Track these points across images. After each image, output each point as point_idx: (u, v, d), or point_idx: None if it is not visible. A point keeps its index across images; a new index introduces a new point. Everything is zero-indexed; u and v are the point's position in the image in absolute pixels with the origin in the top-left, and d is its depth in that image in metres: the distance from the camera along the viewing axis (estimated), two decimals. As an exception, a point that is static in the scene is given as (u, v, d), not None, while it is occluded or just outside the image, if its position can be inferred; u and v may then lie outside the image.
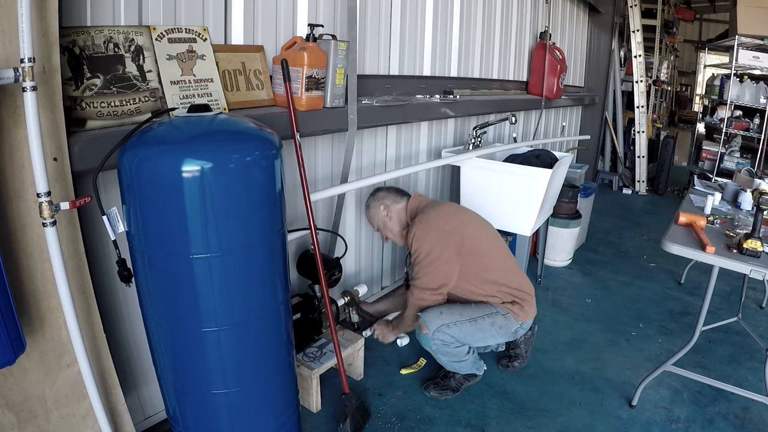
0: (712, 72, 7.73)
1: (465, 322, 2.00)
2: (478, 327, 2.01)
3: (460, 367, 2.08)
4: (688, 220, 2.00)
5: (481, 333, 2.03)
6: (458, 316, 2.00)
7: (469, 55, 3.30)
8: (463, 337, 2.00)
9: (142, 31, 1.54)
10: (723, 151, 5.32)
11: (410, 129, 2.91)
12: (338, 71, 2.01)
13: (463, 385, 2.16)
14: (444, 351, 2.02)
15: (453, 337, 1.99)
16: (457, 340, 2.00)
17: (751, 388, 2.13)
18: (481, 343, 2.11)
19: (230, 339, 1.40)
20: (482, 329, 2.02)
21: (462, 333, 1.99)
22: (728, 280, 3.15)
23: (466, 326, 2.00)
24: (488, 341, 2.11)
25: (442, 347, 2.01)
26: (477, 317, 2.02)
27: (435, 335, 1.98)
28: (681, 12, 8.55)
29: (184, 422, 1.51)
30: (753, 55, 4.89)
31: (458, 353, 2.03)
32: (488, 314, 2.03)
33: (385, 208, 2.16)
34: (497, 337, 2.08)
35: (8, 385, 1.28)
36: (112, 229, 1.33)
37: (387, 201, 2.17)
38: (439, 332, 1.98)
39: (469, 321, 2.00)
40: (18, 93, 1.14)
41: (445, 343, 2.00)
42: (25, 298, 1.27)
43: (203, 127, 1.32)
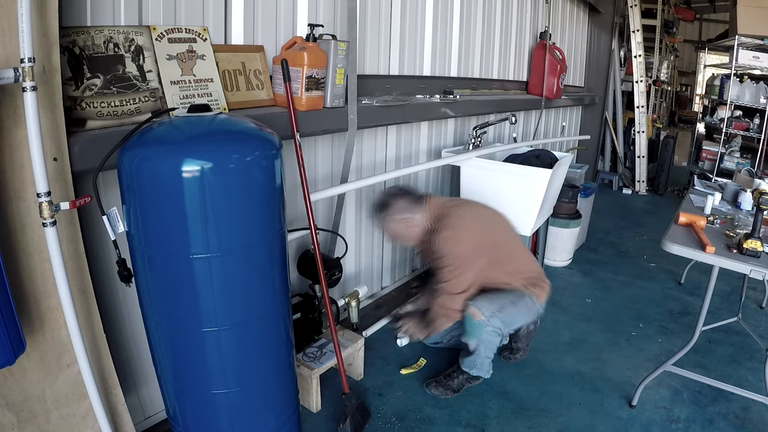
0: (712, 72, 7.73)
1: (509, 305, 2.08)
2: (518, 309, 2.10)
3: (482, 364, 2.11)
4: (688, 220, 1.99)
5: (519, 315, 2.12)
6: (502, 299, 2.07)
7: (469, 55, 3.30)
8: (508, 321, 2.07)
9: (142, 31, 1.54)
10: (723, 151, 5.32)
11: (410, 129, 2.91)
12: (338, 71, 2.01)
13: (465, 386, 2.16)
14: (489, 341, 2.06)
15: (502, 321, 2.04)
16: (503, 326, 2.06)
17: (751, 388, 2.13)
18: (516, 325, 2.18)
19: (230, 339, 1.40)
20: (520, 311, 2.11)
21: (508, 316, 2.07)
22: (728, 280, 3.15)
23: (511, 309, 2.08)
24: (521, 322, 2.19)
25: (491, 335, 2.04)
26: (516, 300, 2.10)
27: (491, 321, 2.01)
28: (681, 12, 8.56)
29: (184, 422, 1.51)
30: (753, 55, 4.89)
31: (496, 344, 2.10)
32: (520, 296, 2.12)
33: (404, 222, 2.10)
34: (528, 317, 2.18)
35: (8, 385, 1.28)
36: (112, 229, 1.33)
37: (406, 214, 2.09)
38: (494, 318, 2.02)
39: (512, 303, 2.08)
40: (18, 93, 1.14)
41: (495, 329, 2.04)
42: (25, 298, 1.27)
43: (203, 127, 1.32)
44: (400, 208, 2.10)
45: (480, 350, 2.07)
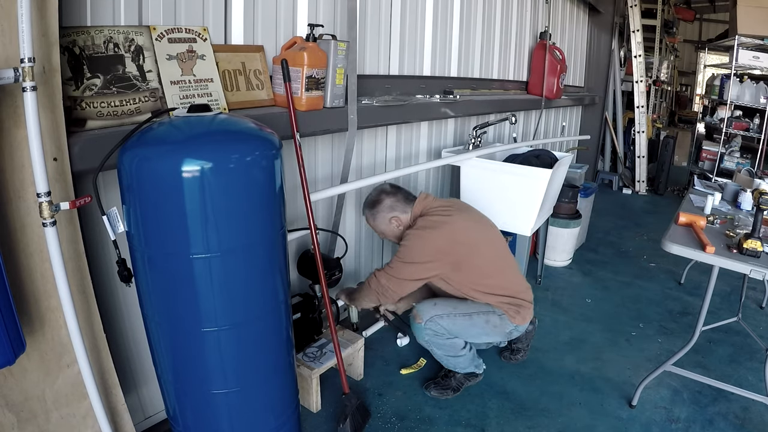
0: (712, 72, 7.73)
1: (459, 316, 2.02)
2: (472, 323, 2.03)
3: (456, 362, 2.09)
4: (688, 220, 1.99)
5: (474, 329, 2.04)
6: (452, 309, 2.03)
7: (469, 55, 3.30)
8: (457, 330, 2.02)
9: (142, 31, 1.54)
10: (723, 151, 5.32)
11: (410, 129, 2.91)
12: (338, 71, 2.01)
13: (464, 385, 2.16)
14: (437, 343, 2.04)
15: (445, 328, 2.01)
16: (449, 332, 2.02)
17: (751, 388, 2.13)
18: (474, 339, 2.12)
19: (230, 339, 1.40)
20: (476, 325, 2.04)
21: (455, 326, 2.01)
22: (728, 280, 3.15)
23: (460, 320, 2.02)
24: (481, 338, 2.13)
25: (434, 338, 2.02)
26: (472, 313, 2.04)
27: (428, 324, 2.00)
28: (681, 12, 8.56)
29: (184, 422, 1.51)
30: (753, 55, 4.89)
31: (452, 346, 2.05)
32: (484, 312, 2.04)
33: (395, 221, 2.11)
34: (491, 335, 2.10)
35: (8, 385, 1.28)
36: (112, 229, 1.33)
37: (397, 212, 2.10)
38: (431, 322, 1.99)
39: (463, 315, 2.03)
40: (18, 93, 1.14)
41: (437, 334, 2.01)
42: (25, 298, 1.27)
43: (203, 127, 1.32)
44: (390, 207, 2.11)
45: (434, 351, 2.08)
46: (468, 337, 2.09)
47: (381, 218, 2.13)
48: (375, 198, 2.15)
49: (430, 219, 2.04)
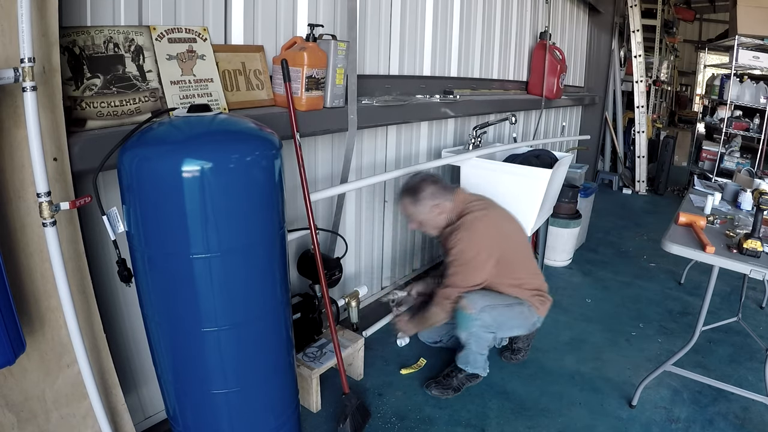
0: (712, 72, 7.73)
1: (503, 306, 2.07)
2: (513, 313, 2.10)
3: (476, 360, 2.11)
4: (688, 220, 1.99)
5: (513, 320, 2.12)
6: (498, 299, 2.07)
7: (469, 55, 3.30)
8: (498, 323, 2.07)
9: (142, 31, 1.54)
10: (723, 151, 5.32)
11: (410, 129, 2.91)
12: (338, 71, 2.01)
13: (465, 385, 2.16)
14: (479, 336, 2.06)
15: (493, 319, 2.04)
16: (494, 324, 2.06)
17: (751, 388, 2.13)
18: (508, 332, 2.21)
19: (230, 339, 1.40)
20: (515, 316, 2.11)
21: (501, 317, 2.06)
22: (728, 280, 3.15)
23: (504, 310, 2.07)
24: (514, 331, 2.21)
25: (481, 330, 2.05)
26: (512, 303, 2.10)
27: (480, 315, 2.01)
28: (681, 12, 8.55)
29: (184, 422, 1.51)
30: (753, 55, 4.89)
31: (487, 341, 2.10)
32: (518, 303, 2.12)
33: (435, 208, 2.07)
34: (522, 327, 2.19)
35: (8, 385, 1.28)
36: (112, 229, 1.33)
37: (439, 200, 2.07)
38: (483, 312, 2.02)
39: (507, 306, 2.08)
40: (18, 93, 1.14)
41: (485, 325, 2.04)
42: (25, 298, 1.27)
43: (203, 127, 1.32)
44: (432, 194, 2.06)
45: (471, 345, 2.08)
46: (504, 330, 2.15)
47: (423, 205, 2.06)
48: (416, 185, 2.09)
49: (474, 215, 2.06)
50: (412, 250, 3.22)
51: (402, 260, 3.14)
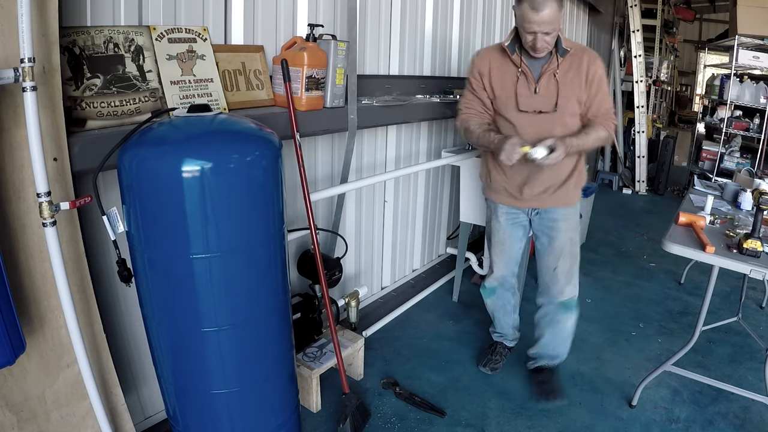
0: (712, 72, 7.73)
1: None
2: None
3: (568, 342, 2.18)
4: (688, 220, 1.99)
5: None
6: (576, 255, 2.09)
7: (469, 55, 3.29)
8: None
9: (142, 31, 1.54)
10: (723, 151, 5.32)
11: (410, 129, 2.91)
12: (338, 71, 2.01)
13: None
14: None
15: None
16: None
17: (751, 388, 2.13)
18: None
19: (230, 339, 1.40)
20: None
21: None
22: (728, 280, 3.15)
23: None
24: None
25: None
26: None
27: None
28: (681, 12, 8.55)
29: (184, 422, 1.51)
30: (753, 55, 4.88)
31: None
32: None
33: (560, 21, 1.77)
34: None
35: (8, 385, 1.28)
36: (112, 229, 1.33)
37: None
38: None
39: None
40: (18, 93, 1.14)
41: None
42: (25, 298, 1.27)
43: (203, 127, 1.32)
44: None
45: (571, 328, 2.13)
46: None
47: (555, 8, 1.71)
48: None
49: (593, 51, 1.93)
50: (412, 250, 3.23)
51: (402, 260, 3.14)
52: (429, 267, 3.37)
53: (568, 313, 2.09)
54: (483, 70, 1.95)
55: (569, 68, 1.86)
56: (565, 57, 1.85)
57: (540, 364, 2.21)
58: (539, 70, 1.87)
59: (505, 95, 1.92)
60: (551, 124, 1.87)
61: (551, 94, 1.87)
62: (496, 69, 1.93)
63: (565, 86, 1.86)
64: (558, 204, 2.01)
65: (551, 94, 1.87)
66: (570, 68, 1.86)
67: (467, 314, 2.83)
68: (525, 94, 1.88)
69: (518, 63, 1.88)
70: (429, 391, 2.15)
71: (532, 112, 1.88)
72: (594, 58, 1.89)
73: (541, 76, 1.87)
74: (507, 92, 1.91)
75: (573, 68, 1.86)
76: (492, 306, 2.31)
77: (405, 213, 3.05)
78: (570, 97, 1.86)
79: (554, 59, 1.86)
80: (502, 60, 1.92)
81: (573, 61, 1.86)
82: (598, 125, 1.89)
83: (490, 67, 1.93)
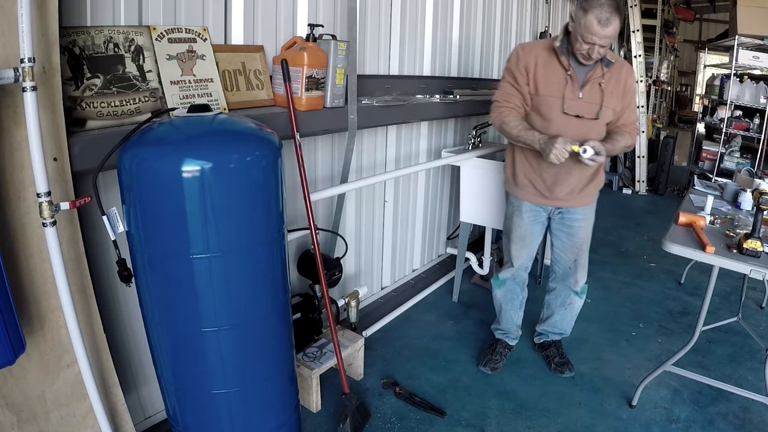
0: (712, 72, 7.72)
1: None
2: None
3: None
4: (688, 220, 1.99)
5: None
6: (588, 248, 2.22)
7: (469, 55, 3.30)
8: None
9: (142, 31, 1.54)
10: (723, 151, 5.31)
11: (410, 129, 2.91)
12: (338, 71, 2.01)
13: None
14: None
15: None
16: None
17: (751, 388, 2.13)
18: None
19: (230, 339, 1.40)
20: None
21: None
22: (728, 280, 3.15)
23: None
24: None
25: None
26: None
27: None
28: (681, 12, 8.55)
29: (184, 422, 1.51)
30: (753, 55, 4.88)
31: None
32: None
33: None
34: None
35: (8, 385, 1.28)
36: (112, 229, 1.33)
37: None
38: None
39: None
40: (18, 93, 1.14)
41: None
42: (25, 298, 1.27)
43: (203, 127, 1.32)
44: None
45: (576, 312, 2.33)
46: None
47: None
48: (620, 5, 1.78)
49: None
50: (412, 250, 3.23)
51: (402, 260, 3.14)
52: (429, 267, 3.37)
53: (579, 297, 2.27)
54: (529, 65, 1.93)
55: (610, 78, 1.92)
56: (609, 68, 1.90)
57: (548, 339, 2.42)
58: (583, 76, 1.91)
59: (549, 95, 1.92)
60: (589, 130, 1.92)
61: (595, 102, 1.92)
62: (542, 66, 1.92)
63: (607, 96, 1.91)
64: (582, 204, 2.10)
65: (595, 101, 1.92)
66: (611, 79, 1.92)
67: (467, 314, 2.83)
68: (570, 98, 1.91)
69: (567, 66, 1.89)
70: (429, 391, 2.15)
71: (574, 116, 1.91)
72: (630, 71, 1.97)
73: (586, 83, 1.90)
74: (552, 92, 1.92)
75: (614, 79, 1.93)
76: (501, 298, 2.33)
77: (405, 213, 3.05)
78: (609, 106, 1.93)
79: (599, 68, 1.90)
80: (549, 58, 1.92)
81: (614, 72, 1.92)
82: (625, 133, 1.97)
83: (536, 63, 1.93)
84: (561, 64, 1.90)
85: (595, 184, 2.10)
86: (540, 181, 2.04)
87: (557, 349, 2.40)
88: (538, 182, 2.04)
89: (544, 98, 1.93)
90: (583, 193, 2.07)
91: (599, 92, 1.91)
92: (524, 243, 2.18)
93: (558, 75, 1.91)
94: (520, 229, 2.15)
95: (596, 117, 1.92)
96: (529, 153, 2.00)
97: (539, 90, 1.93)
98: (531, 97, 1.96)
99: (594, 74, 1.90)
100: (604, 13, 1.70)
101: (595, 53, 1.80)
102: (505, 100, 1.99)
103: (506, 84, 2.01)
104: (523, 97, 1.97)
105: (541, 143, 1.85)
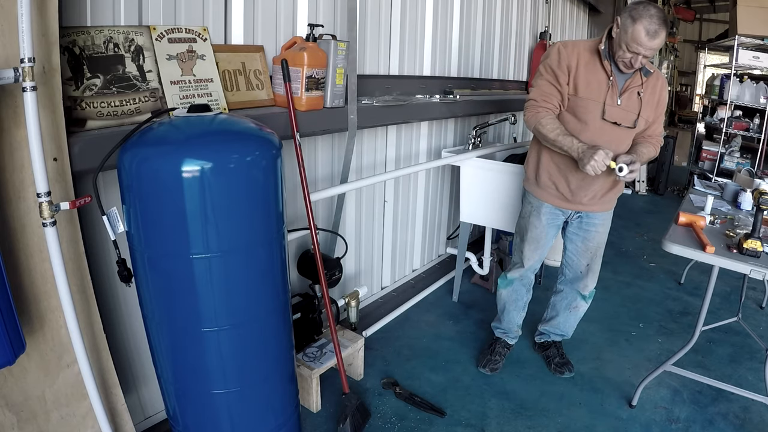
0: (712, 72, 7.72)
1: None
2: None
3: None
4: (688, 220, 1.99)
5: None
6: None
7: (469, 55, 3.29)
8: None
9: (142, 31, 1.54)
10: (723, 151, 5.31)
11: (410, 129, 2.91)
12: (338, 71, 2.01)
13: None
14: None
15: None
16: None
17: (751, 388, 2.13)
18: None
19: (230, 339, 1.40)
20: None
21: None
22: (728, 280, 3.15)
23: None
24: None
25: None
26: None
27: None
28: (681, 12, 8.55)
29: (184, 422, 1.51)
30: (753, 55, 4.88)
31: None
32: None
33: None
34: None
35: (8, 385, 1.28)
36: (112, 229, 1.33)
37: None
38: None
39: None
40: (18, 93, 1.14)
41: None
42: (25, 298, 1.27)
43: (203, 127, 1.32)
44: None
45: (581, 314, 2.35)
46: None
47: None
48: (659, 12, 1.74)
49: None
50: (412, 250, 3.23)
51: (402, 260, 3.14)
52: (429, 267, 3.37)
53: (586, 301, 2.27)
54: (572, 65, 1.87)
55: (647, 88, 1.90)
56: (647, 77, 1.89)
57: (549, 339, 2.42)
58: (622, 84, 1.88)
59: (588, 98, 1.87)
60: (623, 138, 1.92)
61: (633, 110, 1.90)
62: (583, 68, 1.87)
63: (644, 105, 1.90)
64: (602, 209, 2.08)
65: (633, 110, 1.90)
66: (648, 89, 1.91)
67: (467, 314, 2.83)
68: (610, 104, 1.87)
69: (609, 71, 1.86)
70: (429, 391, 2.15)
71: (611, 122, 1.88)
72: (665, 83, 1.97)
73: (624, 91, 1.88)
74: (593, 96, 1.87)
75: (650, 89, 1.91)
76: (506, 298, 2.32)
77: (405, 213, 3.05)
78: (644, 116, 1.92)
79: (638, 76, 1.88)
80: (591, 61, 1.87)
81: (651, 82, 1.91)
82: (650, 144, 1.97)
83: (578, 63, 1.87)
84: (603, 68, 1.86)
85: (616, 190, 2.07)
86: (564, 185, 2.00)
87: (557, 349, 2.40)
88: (562, 185, 2.00)
89: (582, 101, 1.87)
90: (605, 199, 2.04)
91: (638, 101, 1.89)
92: (538, 245, 2.14)
93: (600, 79, 1.86)
94: (536, 230, 2.12)
95: (633, 126, 1.90)
96: (557, 155, 1.96)
97: (579, 92, 1.87)
98: (568, 98, 1.91)
99: (633, 82, 1.87)
100: (653, 24, 1.67)
101: (638, 63, 1.77)
102: (544, 100, 1.91)
103: (545, 83, 1.91)
104: (562, 97, 1.90)
105: (579, 152, 1.79)
